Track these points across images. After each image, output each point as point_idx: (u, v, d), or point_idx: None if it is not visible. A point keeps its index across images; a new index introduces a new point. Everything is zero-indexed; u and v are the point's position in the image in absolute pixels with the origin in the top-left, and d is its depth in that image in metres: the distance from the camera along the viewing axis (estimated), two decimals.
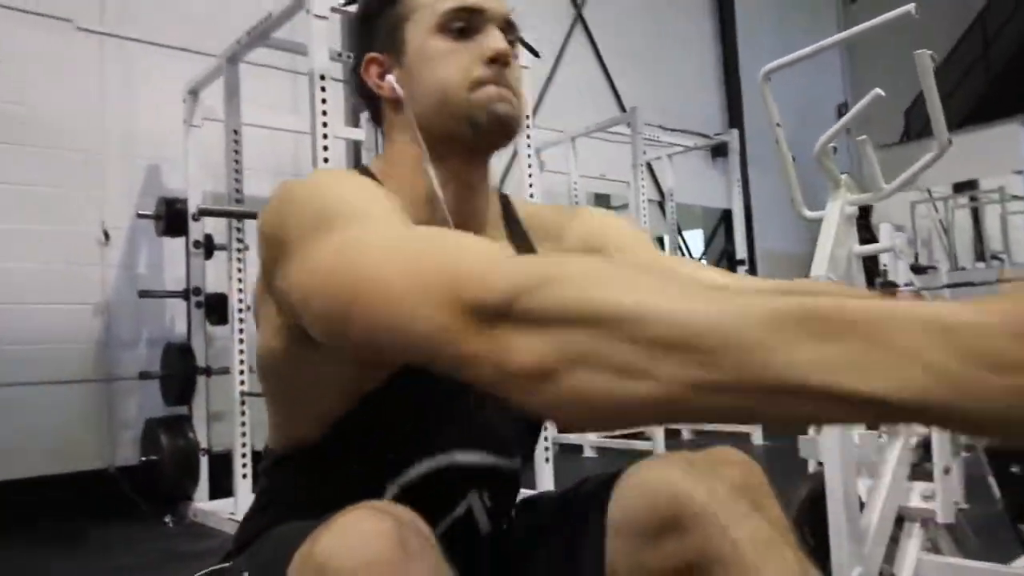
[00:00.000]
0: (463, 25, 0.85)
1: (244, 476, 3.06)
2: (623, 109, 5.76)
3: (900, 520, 1.63)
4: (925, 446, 1.66)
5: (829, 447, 1.48)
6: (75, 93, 3.65)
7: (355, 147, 4.43)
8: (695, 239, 7.54)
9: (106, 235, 3.62)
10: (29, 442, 3.32)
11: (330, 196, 0.69)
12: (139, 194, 3.75)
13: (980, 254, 8.07)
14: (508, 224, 0.94)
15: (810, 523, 1.57)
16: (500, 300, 0.50)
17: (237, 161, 3.25)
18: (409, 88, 0.86)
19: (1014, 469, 1.48)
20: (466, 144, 0.86)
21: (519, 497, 0.96)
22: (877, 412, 0.40)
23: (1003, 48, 8.31)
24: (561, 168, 5.15)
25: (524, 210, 0.97)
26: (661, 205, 5.84)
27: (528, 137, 3.34)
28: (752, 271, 5.45)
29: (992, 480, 1.63)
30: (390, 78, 0.88)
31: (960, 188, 8.08)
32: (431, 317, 0.53)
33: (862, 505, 1.54)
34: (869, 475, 1.68)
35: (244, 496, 3.00)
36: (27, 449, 3.31)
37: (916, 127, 7.81)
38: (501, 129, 0.85)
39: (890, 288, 3.79)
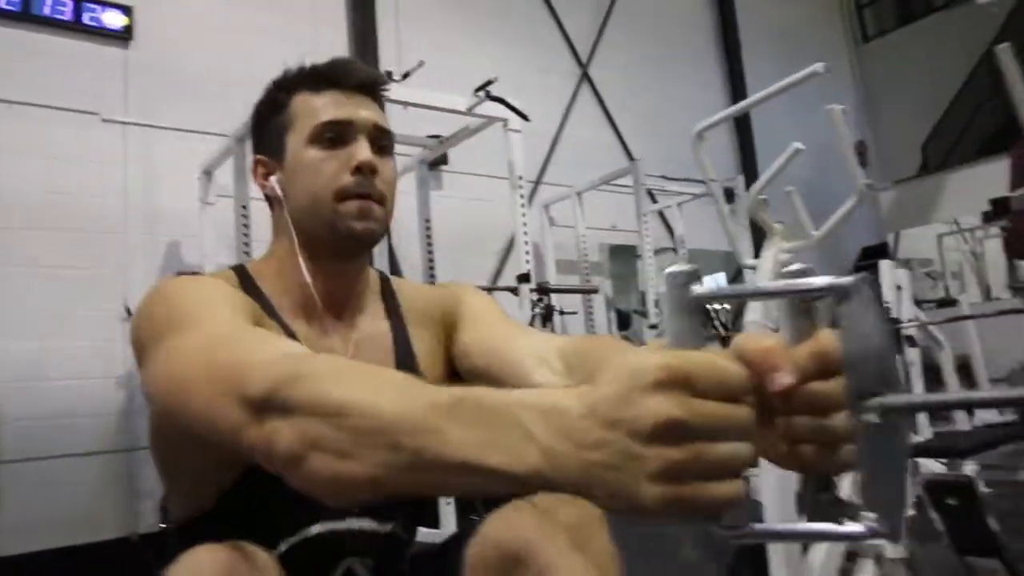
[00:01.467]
0: (333, 136, 0.94)
1: None
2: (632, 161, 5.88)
3: (853, 556, 1.64)
4: None
5: (768, 483, 1.53)
6: (102, 179, 3.91)
7: None
8: (719, 282, 7.59)
9: (128, 311, 3.82)
10: (56, 513, 3.47)
11: (171, 307, 0.79)
12: (160, 270, 3.96)
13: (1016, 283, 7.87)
14: (386, 305, 1.03)
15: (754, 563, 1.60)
16: (264, 394, 0.59)
17: (246, 234, 3.42)
18: (287, 190, 0.96)
19: (950, 501, 1.50)
20: (329, 246, 0.96)
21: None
22: (505, 482, 0.48)
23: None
24: (570, 222, 5.27)
25: (405, 291, 1.06)
26: (676, 251, 5.90)
27: (521, 198, 3.46)
28: None
29: (934, 515, 1.64)
30: (273, 179, 0.98)
31: (989, 218, 7.92)
32: (227, 415, 0.62)
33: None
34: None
35: None
36: (54, 520, 3.46)
37: (934, 161, 7.76)
38: (358, 242, 0.95)
39: (893, 324, 3.77)
